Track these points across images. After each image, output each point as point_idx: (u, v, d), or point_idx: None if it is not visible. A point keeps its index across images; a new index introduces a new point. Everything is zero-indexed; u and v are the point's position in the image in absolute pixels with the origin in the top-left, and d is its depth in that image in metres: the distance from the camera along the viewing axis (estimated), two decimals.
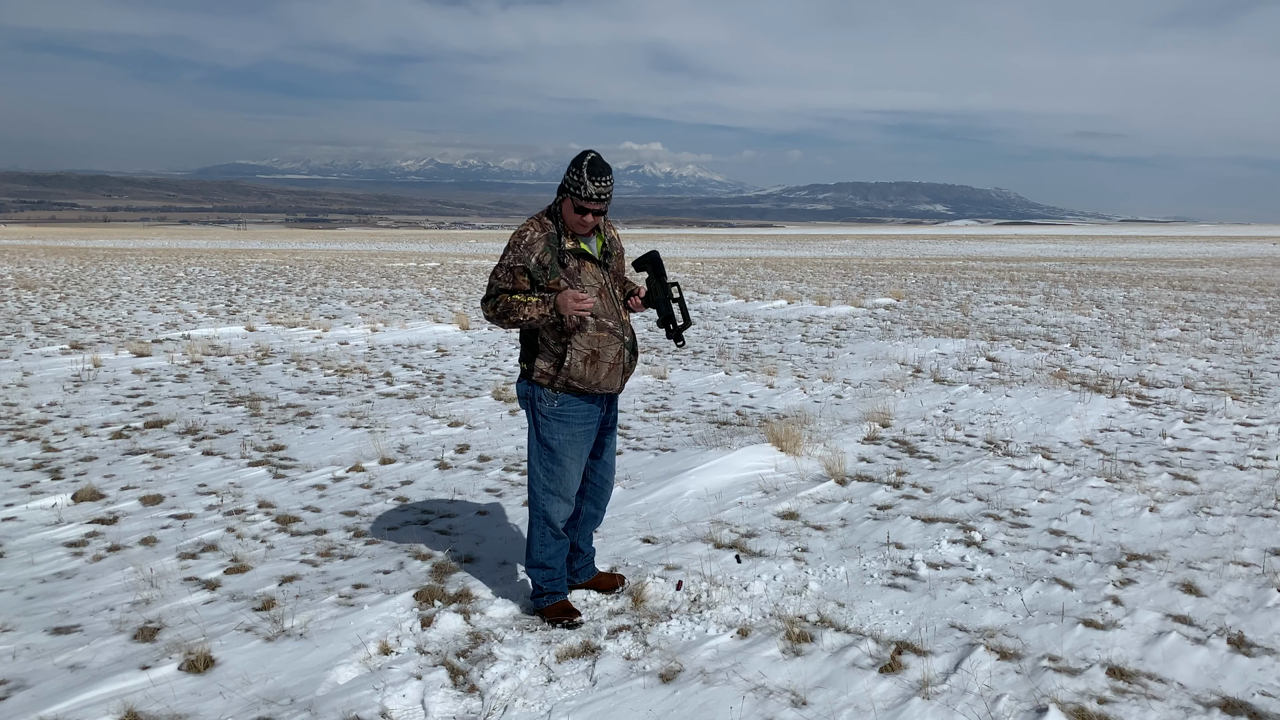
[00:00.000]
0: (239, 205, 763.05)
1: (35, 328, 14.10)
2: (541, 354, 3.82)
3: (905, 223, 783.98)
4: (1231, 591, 4.24)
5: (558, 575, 4.01)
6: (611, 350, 3.79)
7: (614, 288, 3.87)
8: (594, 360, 3.75)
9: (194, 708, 3.22)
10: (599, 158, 3.60)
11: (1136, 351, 11.92)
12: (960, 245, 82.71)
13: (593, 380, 3.78)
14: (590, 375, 3.76)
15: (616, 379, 3.85)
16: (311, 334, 13.84)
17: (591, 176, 3.55)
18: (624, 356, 3.85)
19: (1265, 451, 6.81)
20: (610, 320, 3.79)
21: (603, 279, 3.81)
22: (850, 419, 7.95)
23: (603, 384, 3.81)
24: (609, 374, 3.81)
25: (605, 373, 3.80)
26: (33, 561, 4.63)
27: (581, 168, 3.55)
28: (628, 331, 3.89)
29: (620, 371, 3.85)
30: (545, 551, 3.96)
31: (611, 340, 3.79)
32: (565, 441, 3.85)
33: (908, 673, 3.47)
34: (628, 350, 3.87)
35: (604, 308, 3.77)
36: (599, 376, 3.79)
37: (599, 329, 3.76)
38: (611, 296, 3.82)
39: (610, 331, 3.79)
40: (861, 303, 18.94)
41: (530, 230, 3.71)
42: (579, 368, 3.73)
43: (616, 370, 3.83)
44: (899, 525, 5.16)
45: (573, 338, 3.72)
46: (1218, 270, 34.59)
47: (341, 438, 7.28)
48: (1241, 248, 69.03)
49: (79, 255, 42.42)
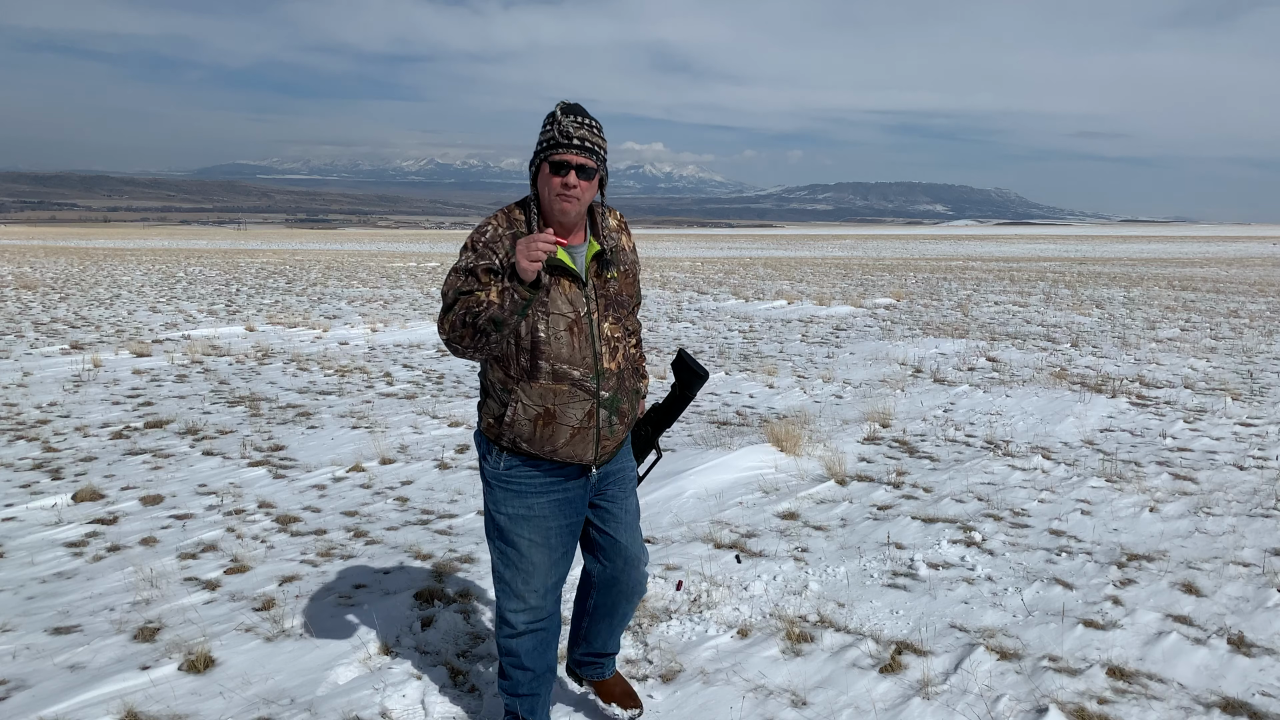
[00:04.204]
0: (239, 205, 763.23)
1: (35, 328, 14.10)
2: (489, 395, 2.79)
3: (905, 223, 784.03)
4: (1231, 591, 4.24)
5: (525, 696, 2.95)
6: (575, 410, 2.67)
7: (599, 320, 2.70)
8: (547, 420, 2.66)
9: (194, 708, 3.22)
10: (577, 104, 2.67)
11: (1136, 351, 11.91)
12: (960, 245, 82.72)
13: (545, 445, 2.69)
14: (541, 439, 2.68)
15: (587, 448, 2.72)
16: (311, 334, 13.84)
17: (566, 114, 2.60)
18: (599, 419, 2.71)
19: (1265, 451, 6.80)
20: (576, 368, 2.64)
21: (580, 307, 2.67)
22: (850, 419, 7.95)
23: (561, 452, 2.71)
24: (571, 441, 2.69)
25: (565, 439, 2.68)
26: (33, 561, 4.63)
27: (554, 114, 2.62)
28: (609, 384, 2.72)
29: (592, 439, 2.72)
30: (510, 679, 2.95)
31: (575, 396, 2.66)
32: (517, 517, 2.78)
33: (908, 673, 3.47)
34: (605, 410, 2.72)
35: (570, 347, 2.64)
36: (555, 442, 2.69)
37: (555, 378, 2.63)
38: (590, 333, 2.67)
39: (574, 384, 2.65)
40: (861, 303, 18.94)
41: (493, 226, 2.67)
42: (524, 426, 2.68)
43: (585, 437, 2.70)
44: (899, 525, 5.16)
45: (518, 384, 2.66)
46: (1218, 270, 34.58)
47: (341, 438, 7.28)
48: (1241, 248, 69.03)
49: (79, 255, 42.43)
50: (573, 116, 2.60)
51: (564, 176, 2.58)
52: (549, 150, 2.59)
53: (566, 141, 2.57)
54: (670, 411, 3.03)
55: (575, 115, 2.61)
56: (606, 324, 2.73)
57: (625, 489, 2.98)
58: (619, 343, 2.77)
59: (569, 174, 2.58)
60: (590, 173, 2.60)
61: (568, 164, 2.57)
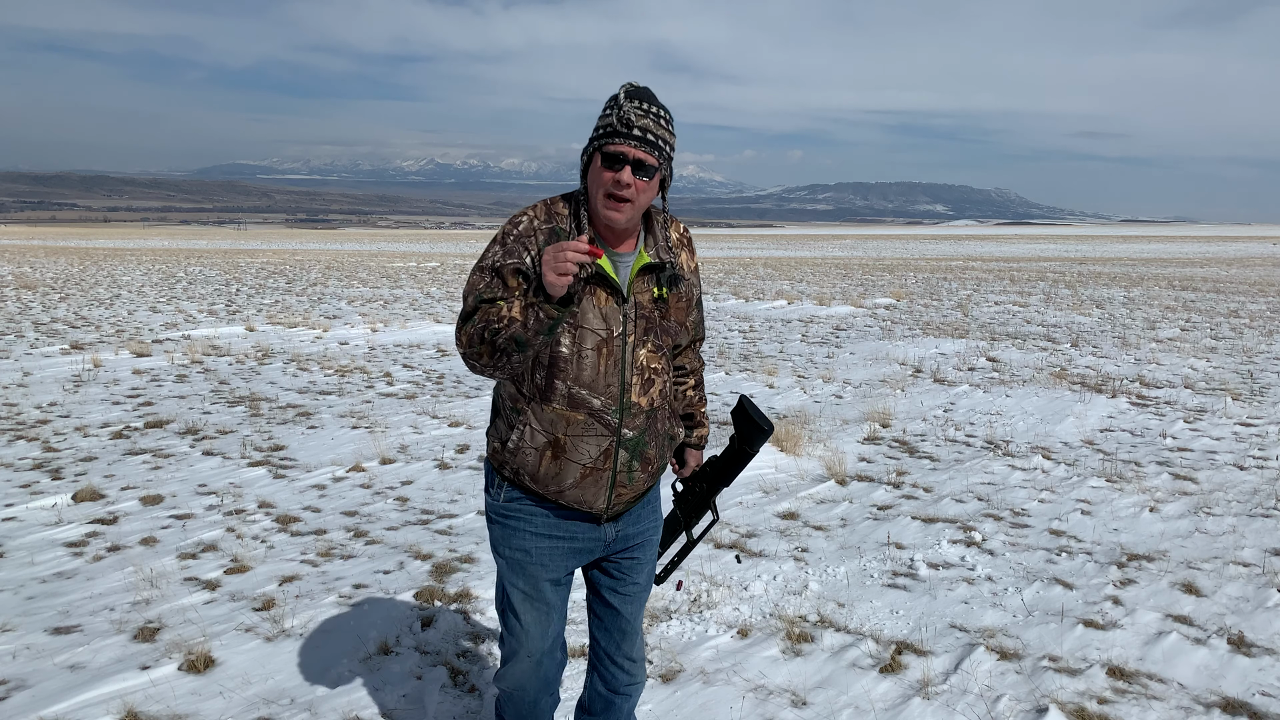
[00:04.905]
0: (239, 205, 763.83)
1: (35, 328, 14.10)
2: (498, 416, 2.41)
3: (905, 223, 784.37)
4: (1231, 591, 4.24)
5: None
6: (588, 445, 2.27)
7: (634, 344, 2.28)
8: (555, 453, 2.27)
9: (194, 708, 3.22)
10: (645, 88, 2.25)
11: (1136, 351, 11.92)
12: (960, 245, 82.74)
13: (550, 484, 2.30)
14: (547, 475, 2.29)
15: (599, 494, 2.31)
16: (311, 334, 13.84)
17: (630, 98, 2.19)
18: (616, 461, 2.30)
19: (1265, 451, 6.81)
20: (597, 395, 2.25)
21: (614, 325, 2.25)
22: (850, 419, 7.95)
23: (568, 494, 2.31)
24: (581, 483, 2.29)
25: (573, 479, 2.28)
26: (33, 561, 4.63)
27: (616, 96, 2.22)
28: (634, 422, 2.30)
29: (605, 483, 2.31)
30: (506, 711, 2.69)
31: (591, 429, 2.26)
32: (513, 561, 2.41)
33: (908, 673, 3.48)
34: (626, 452, 2.31)
35: (594, 370, 2.24)
36: (561, 481, 2.29)
37: (571, 404, 2.24)
38: (620, 358, 2.26)
39: (592, 414, 2.25)
40: (861, 303, 18.94)
41: (528, 218, 2.27)
42: (529, 456, 2.29)
43: (597, 481, 2.30)
44: (899, 525, 5.16)
45: (528, 405, 2.28)
46: (1218, 270, 34.59)
47: (341, 438, 7.28)
48: (1241, 248, 69.04)
49: (79, 255, 42.44)
50: (637, 102, 2.18)
51: (617, 172, 2.15)
52: (604, 139, 2.18)
53: (626, 130, 2.15)
54: (728, 468, 2.65)
55: (641, 101, 2.19)
56: (644, 350, 2.30)
57: (642, 559, 2.53)
58: (656, 375, 2.33)
59: (623, 169, 2.15)
60: (650, 171, 2.18)
61: (623, 157, 2.15)
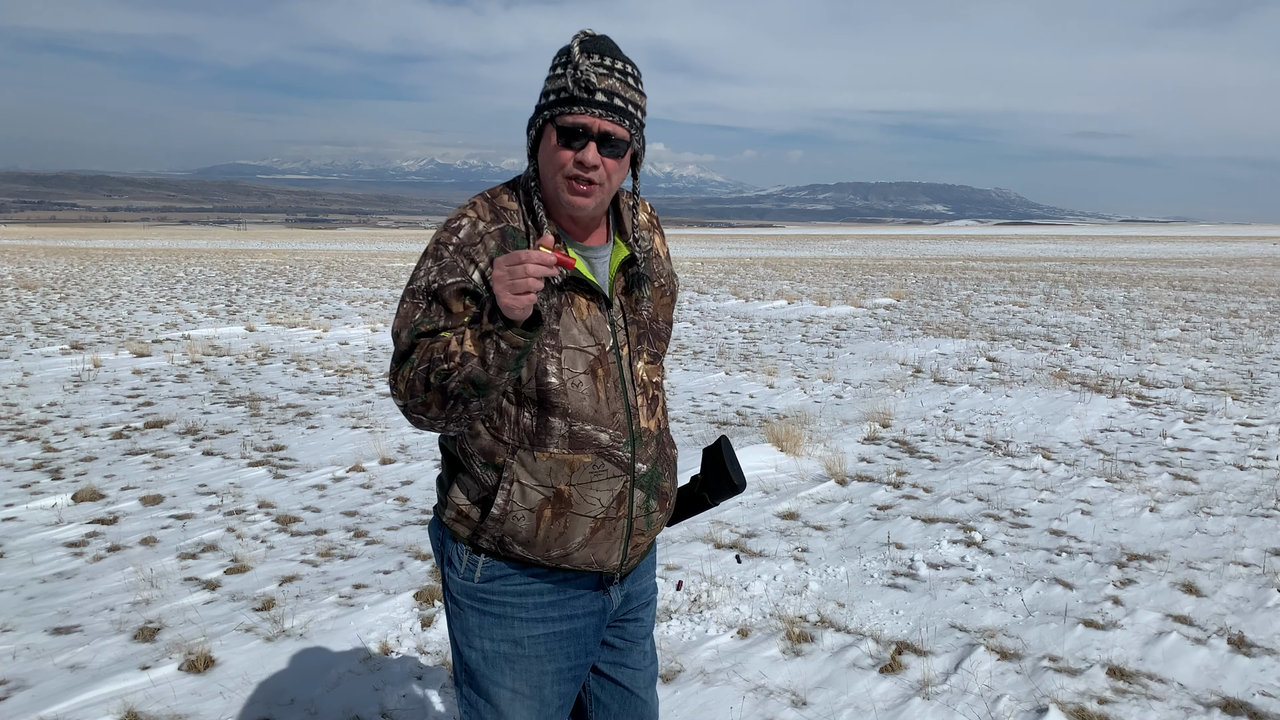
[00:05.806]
0: (239, 205, 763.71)
1: (35, 328, 14.11)
2: (461, 473, 1.84)
3: (905, 223, 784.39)
4: (1232, 591, 4.24)
5: None
6: (599, 492, 1.78)
7: (630, 357, 1.83)
8: (558, 510, 1.76)
9: (194, 708, 3.22)
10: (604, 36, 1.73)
11: (1137, 351, 11.91)
12: (960, 245, 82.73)
13: (553, 547, 1.79)
14: (548, 538, 1.78)
15: (613, 549, 1.83)
16: (311, 334, 13.84)
17: (588, 51, 1.66)
18: (632, 504, 1.83)
19: (1265, 451, 6.80)
20: (604, 428, 1.77)
21: (604, 338, 1.78)
22: (850, 419, 7.95)
23: (576, 556, 1.80)
24: (592, 539, 1.80)
25: (582, 536, 1.79)
26: (33, 561, 4.63)
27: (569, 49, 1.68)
28: (646, 453, 1.84)
29: (620, 535, 1.83)
30: None
31: (602, 471, 1.78)
32: (496, 657, 1.84)
33: (908, 673, 3.47)
34: (643, 491, 1.84)
35: (594, 398, 1.76)
36: (567, 543, 1.78)
37: (574, 445, 1.75)
38: (620, 377, 1.80)
39: (601, 452, 1.77)
40: (861, 303, 18.94)
41: (469, 220, 1.73)
42: (520, 521, 1.76)
43: (610, 533, 1.81)
44: (899, 525, 5.16)
45: (514, 456, 1.75)
46: (1218, 270, 34.59)
47: (342, 438, 7.28)
48: (1241, 248, 69.04)
49: (79, 255, 42.44)
50: (598, 58, 1.66)
51: (579, 151, 1.65)
52: (559, 108, 1.66)
53: (587, 96, 1.64)
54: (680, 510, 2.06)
55: (603, 56, 1.66)
56: (641, 363, 1.84)
57: (645, 620, 2.03)
58: (657, 391, 1.88)
59: (587, 147, 1.65)
60: (621, 147, 1.68)
61: (585, 131, 1.64)
